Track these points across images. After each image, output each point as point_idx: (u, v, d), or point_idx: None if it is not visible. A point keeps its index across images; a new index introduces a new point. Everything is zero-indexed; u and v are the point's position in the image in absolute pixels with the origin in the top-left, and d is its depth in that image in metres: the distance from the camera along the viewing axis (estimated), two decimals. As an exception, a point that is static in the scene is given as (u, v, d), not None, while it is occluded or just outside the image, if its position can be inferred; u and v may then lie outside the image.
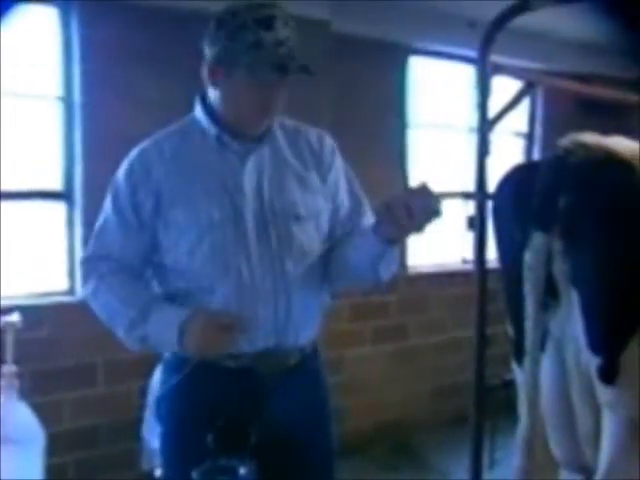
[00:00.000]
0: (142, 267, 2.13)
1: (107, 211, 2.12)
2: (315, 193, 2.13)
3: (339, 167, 2.22)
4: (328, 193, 2.16)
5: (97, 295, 2.10)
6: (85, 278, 2.15)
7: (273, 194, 2.08)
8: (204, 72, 2.07)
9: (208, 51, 2.04)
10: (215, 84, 2.05)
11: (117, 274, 2.09)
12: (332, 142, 2.23)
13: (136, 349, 2.09)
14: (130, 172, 2.09)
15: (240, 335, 1.96)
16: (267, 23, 1.96)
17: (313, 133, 2.21)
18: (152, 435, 3.29)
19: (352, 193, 2.22)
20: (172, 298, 2.08)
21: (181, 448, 2.08)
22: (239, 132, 2.09)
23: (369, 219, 2.17)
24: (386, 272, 2.08)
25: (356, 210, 2.20)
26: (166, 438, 2.18)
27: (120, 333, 2.07)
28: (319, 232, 2.13)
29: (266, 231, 2.05)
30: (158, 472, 3.02)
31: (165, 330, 1.98)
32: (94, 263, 2.14)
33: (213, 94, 2.09)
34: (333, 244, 2.15)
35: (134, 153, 2.12)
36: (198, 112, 2.14)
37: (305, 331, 2.11)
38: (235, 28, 1.97)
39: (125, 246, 2.09)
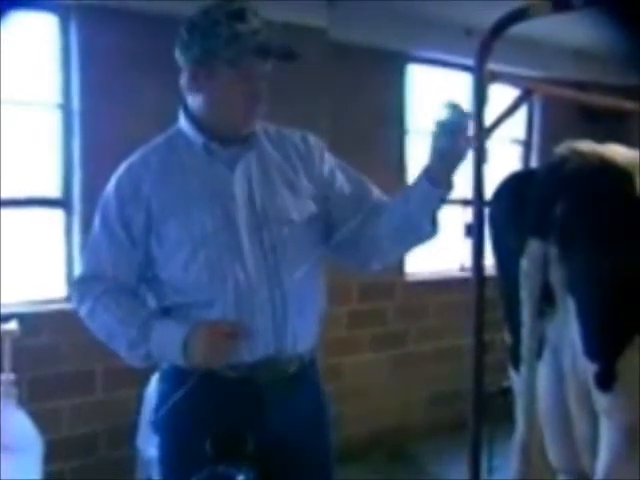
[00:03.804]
0: (137, 284, 2.11)
1: (97, 229, 2.10)
2: (306, 197, 2.12)
3: (330, 159, 2.20)
4: (322, 185, 2.15)
5: (94, 316, 2.08)
6: (80, 299, 2.12)
7: (264, 200, 2.06)
8: (183, 80, 2.06)
9: (184, 57, 2.04)
10: (197, 88, 2.04)
11: (112, 293, 2.07)
12: (317, 140, 2.22)
13: (139, 366, 2.09)
14: (118, 189, 2.07)
15: (243, 341, 1.95)
16: (239, 15, 1.97)
17: (297, 135, 2.20)
18: (147, 445, 3.28)
19: (351, 177, 2.20)
20: (169, 313, 2.06)
21: (181, 458, 2.07)
22: (225, 137, 2.08)
23: (378, 194, 2.19)
24: (437, 224, 2.07)
25: (361, 189, 2.19)
26: (165, 448, 2.16)
27: (122, 352, 2.05)
28: (313, 237, 2.12)
29: (260, 238, 2.03)
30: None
31: (168, 345, 1.97)
32: (89, 284, 2.11)
33: (195, 101, 2.07)
34: (360, 224, 2.12)
35: (121, 169, 2.10)
36: (182, 123, 2.12)
37: (303, 338, 2.09)
38: (209, 26, 1.97)
39: (118, 264, 2.07)
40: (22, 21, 3.80)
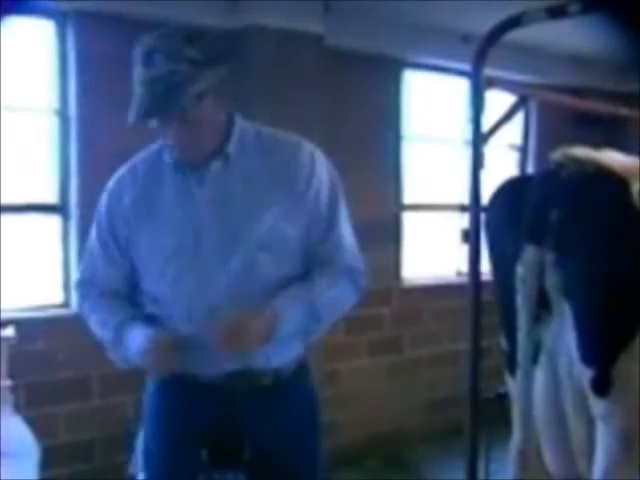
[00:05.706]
0: (130, 291, 2.13)
1: (92, 237, 2.15)
2: (282, 218, 2.00)
3: (317, 182, 2.05)
4: (304, 211, 2.03)
5: (90, 317, 2.15)
6: (81, 300, 2.21)
7: (236, 220, 1.98)
8: None
9: None
10: None
11: (104, 297, 2.12)
12: (309, 157, 2.06)
13: (124, 367, 2.10)
14: (108, 200, 2.10)
15: (184, 352, 1.94)
16: (147, 59, 1.96)
17: (288, 148, 2.06)
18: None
19: (322, 225, 2.07)
20: (152, 322, 2.06)
21: (160, 463, 2.13)
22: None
23: (336, 241, 2.08)
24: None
25: (325, 231, 2.07)
26: (146, 452, 2.20)
27: (108, 353, 2.11)
28: (286, 259, 2.02)
29: (228, 259, 1.97)
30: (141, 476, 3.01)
31: (133, 351, 2.00)
32: (86, 287, 2.18)
33: None
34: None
35: (111, 180, 2.13)
36: None
37: (277, 355, 2.03)
38: (134, 61, 1.98)
39: (109, 273, 2.11)
40: (19, 27, 3.80)
